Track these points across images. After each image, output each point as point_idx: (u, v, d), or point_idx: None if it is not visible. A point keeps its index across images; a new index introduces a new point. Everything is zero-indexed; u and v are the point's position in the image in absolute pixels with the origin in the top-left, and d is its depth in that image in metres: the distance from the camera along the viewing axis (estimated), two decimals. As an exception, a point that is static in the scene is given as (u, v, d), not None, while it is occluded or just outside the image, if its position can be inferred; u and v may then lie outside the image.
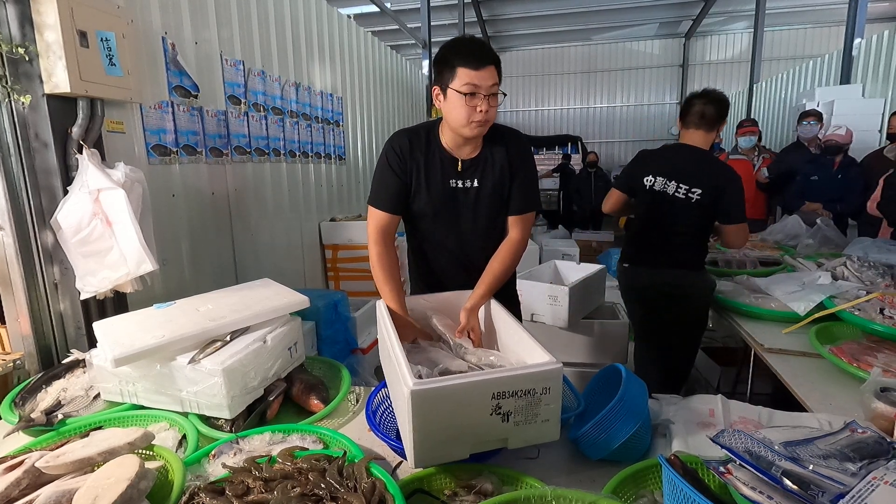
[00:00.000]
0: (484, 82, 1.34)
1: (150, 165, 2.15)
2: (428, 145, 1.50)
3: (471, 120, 1.37)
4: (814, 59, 7.05)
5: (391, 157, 1.50)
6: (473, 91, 1.34)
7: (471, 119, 1.37)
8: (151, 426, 1.33)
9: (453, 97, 1.36)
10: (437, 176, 1.50)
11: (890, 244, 2.56)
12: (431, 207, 1.52)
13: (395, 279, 1.49)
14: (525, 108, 13.44)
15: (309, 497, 0.95)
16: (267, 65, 3.05)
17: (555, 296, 2.06)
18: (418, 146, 1.49)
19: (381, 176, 1.52)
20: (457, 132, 1.43)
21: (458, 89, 1.35)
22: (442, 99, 1.41)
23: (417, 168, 1.49)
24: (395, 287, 1.47)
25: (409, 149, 1.49)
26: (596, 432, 1.11)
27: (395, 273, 1.50)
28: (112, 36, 1.74)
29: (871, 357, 1.59)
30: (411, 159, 1.49)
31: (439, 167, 1.50)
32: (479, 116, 1.37)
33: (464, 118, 1.37)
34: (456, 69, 1.34)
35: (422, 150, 1.49)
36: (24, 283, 1.67)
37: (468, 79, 1.33)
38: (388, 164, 1.50)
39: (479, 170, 1.51)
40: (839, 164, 3.91)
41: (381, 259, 1.51)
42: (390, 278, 1.48)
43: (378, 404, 1.33)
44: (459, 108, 1.36)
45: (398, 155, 1.49)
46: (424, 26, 7.06)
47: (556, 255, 4.44)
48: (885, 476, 0.79)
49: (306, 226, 3.63)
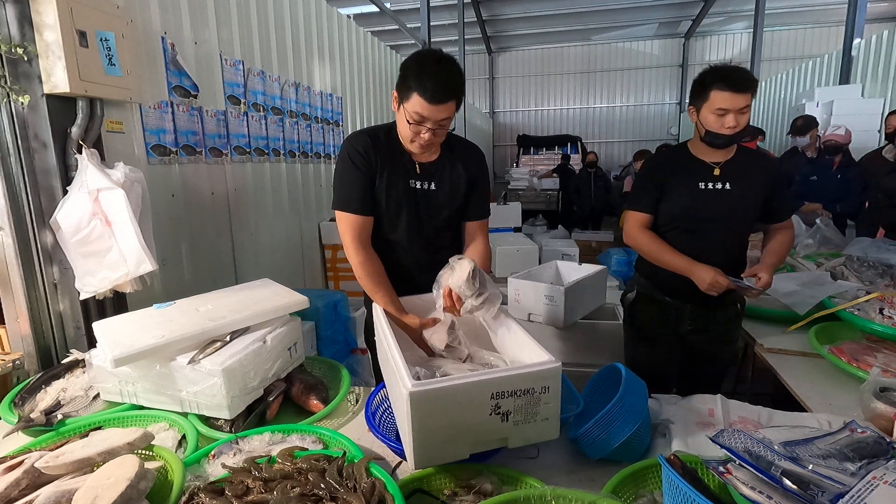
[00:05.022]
0: (434, 116, 1.34)
1: (149, 165, 2.15)
2: (388, 146, 1.49)
3: (411, 141, 1.42)
4: (813, 59, 7.06)
5: (355, 157, 1.46)
6: (420, 122, 1.36)
7: (412, 140, 1.42)
8: (151, 426, 1.33)
9: (401, 115, 1.39)
10: (398, 175, 1.49)
11: (890, 244, 2.56)
12: (395, 206, 1.51)
13: (385, 282, 1.47)
14: (525, 108, 13.45)
15: (308, 497, 0.95)
16: (266, 65, 3.05)
17: (551, 296, 2.06)
18: (379, 146, 1.48)
19: (346, 177, 1.48)
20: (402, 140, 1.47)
21: (407, 113, 1.36)
22: (397, 107, 1.42)
23: (381, 167, 1.48)
24: (387, 291, 1.46)
25: (371, 147, 1.47)
26: (596, 431, 1.11)
27: (383, 277, 1.48)
28: (111, 36, 1.73)
29: (870, 357, 1.59)
30: (375, 156, 1.47)
31: (400, 167, 1.50)
32: (420, 141, 1.41)
33: (406, 137, 1.43)
34: (412, 93, 1.32)
35: (383, 150, 1.48)
36: (23, 283, 1.67)
37: (419, 108, 1.33)
38: (353, 164, 1.46)
39: (436, 174, 1.53)
40: (838, 165, 3.91)
41: (365, 266, 1.48)
42: (380, 283, 1.47)
43: (377, 405, 1.33)
44: (405, 128, 1.40)
45: (362, 154, 1.46)
46: (424, 26, 7.07)
47: (555, 255, 4.43)
48: (885, 476, 0.79)
49: (306, 226, 3.63)
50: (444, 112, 1.35)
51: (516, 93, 13.41)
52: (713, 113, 1.63)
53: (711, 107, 1.63)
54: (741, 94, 1.58)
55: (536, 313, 2.13)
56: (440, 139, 1.44)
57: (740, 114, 1.60)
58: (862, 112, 5.30)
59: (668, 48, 12.30)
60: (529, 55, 13.03)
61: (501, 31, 11.96)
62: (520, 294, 2.16)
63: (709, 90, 1.62)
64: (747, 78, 1.60)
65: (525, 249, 4.28)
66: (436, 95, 1.31)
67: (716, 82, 1.61)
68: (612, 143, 12.96)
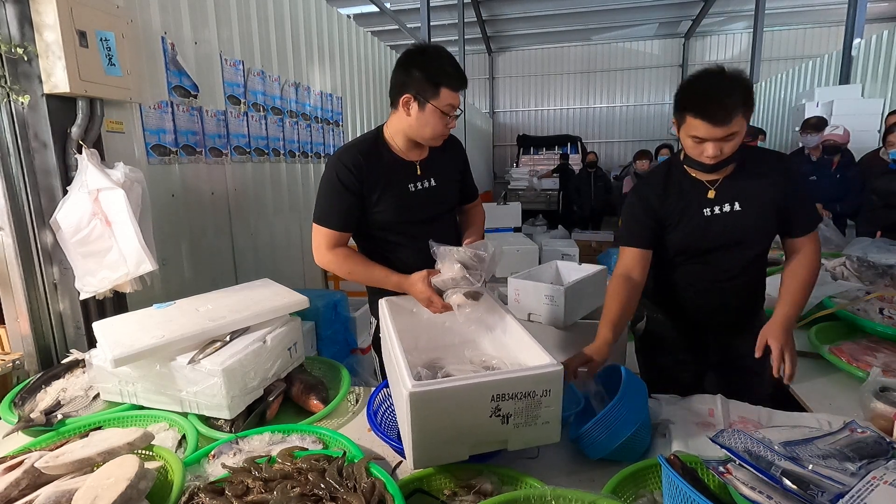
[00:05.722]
0: (458, 103, 1.44)
1: (149, 165, 2.15)
2: (379, 155, 1.49)
3: (441, 133, 1.47)
4: (813, 59, 7.07)
5: (343, 175, 1.44)
6: (451, 111, 1.43)
7: (441, 133, 1.47)
8: (151, 426, 1.33)
9: (432, 112, 1.41)
10: (396, 184, 1.50)
11: (890, 244, 2.57)
12: (396, 211, 1.51)
13: (371, 262, 1.49)
14: (525, 108, 13.45)
15: (308, 497, 0.95)
16: (266, 65, 3.05)
17: (551, 296, 2.05)
18: (371, 159, 1.47)
19: (331, 195, 1.47)
20: (420, 140, 1.49)
21: (441, 108, 1.41)
22: (416, 109, 1.41)
23: (374, 182, 1.47)
24: (379, 266, 1.47)
25: (362, 163, 1.45)
26: (596, 431, 1.11)
27: (364, 258, 1.51)
28: (111, 36, 1.73)
29: (870, 357, 1.59)
30: (368, 173, 1.46)
31: (398, 174, 1.51)
32: (449, 130, 1.49)
33: (438, 132, 1.46)
34: (440, 88, 1.39)
35: (375, 162, 1.48)
36: (23, 283, 1.67)
37: (451, 100, 1.41)
38: (340, 181, 1.44)
39: (432, 169, 1.57)
40: (838, 164, 3.92)
41: (339, 257, 1.48)
42: (367, 263, 1.49)
43: (379, 404, 1.33)
44: (436, 123, 1.43)
45: (351, 171, 1.44)
46: (424, 26, 7.07)
47: (555, 255, 4.44)
48: (885, 476, 0.79)
49: (306, 226, 3.63)
50: (460, 97, 1.45)
51: (516, 93, 13.41)
52: (690, 138, 1.35)
53: (688, 131, 1.34)
54: (720, 127, 1.28)
55: (536, 313, 2.12)
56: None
57: (724, 142, 1.31)
58: (862, 112, 5.31)
59: (668, 48, 12.30)
60: (529, 55, 13.04)
61: (501, 31, 11.96)
62: (520, 294, 2.16)
63: (684, 112, 1.33)
64: (728, 108, 1.26)
65: (525, 249, 4.28)
66: (461, 83, 1.42)
67: (689, 108, 1.31)
68: (612, 143, 12.97)
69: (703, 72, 1.34)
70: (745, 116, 1.30)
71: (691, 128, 1.32)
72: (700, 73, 1.34)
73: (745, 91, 1.29)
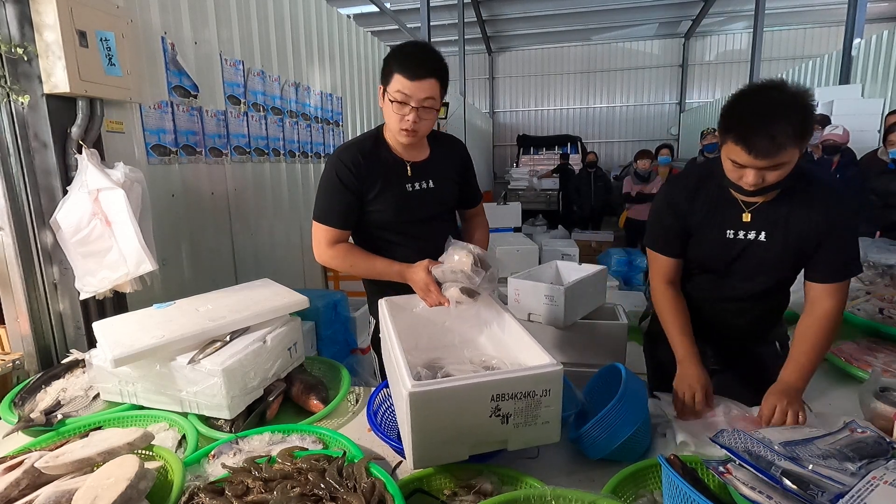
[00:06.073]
0: (416, 94, 1.34)
1: (149, 165, 2.15)
2: (378, 154, 1.49)
3: (399, 128, 1.39)
4: (813, 59, 7.07)
5: (342, 173, 1.44)
6: (404, 100, 1.35)
7: (399, 126, 1.39)
8: (151, 426, 1.33)
9: (388, 103, 1.39)
10: (393, 183, 1.49)
11: (890, 244, 2.57)
12: (394, 211, 1.51)
13: (371, 255, 1.49)
14: (525, 108, 13.46)
15: (308, 497, 0.95)
16: (266, 65, 3.05)
17: (551, 296, 2.06)
18: (370, 158, 1.47)
19: (331, 193, 1.47)
20: (396, 136, 1.46)
21: (391, 95, 1.36)
22: (381, 100, 1.43)
23: (373, 180, 1.47)
24: (380, 258, 1.47)
25: (361, 162, 1.45)
26: (596, 431, 1.11)
27: (364, 252, 1.50)
28: (111, 36, 1.73)
29: (870, 357, 1.59)
30: (366, 172, 1.46)
31: (394, 172, 1.50)
32: (406, 125, 1.38)
33: (393, 124, 1.41)
34: (393, 75, 1.35)
35: (374, 161, 1.48)
36: (23, 283, 1.67)
37: (400, 87, 1.34)
38: (340, 180, 1.45)
39: (429, 171, 1.54)
40: (837, 164, 3.92)
41: (340, 252, 1.48)
42: (366, 255, 1.48)
43: (379, 404, 1.33)
44: (390, 114, 1.40)
45: (350, 170, 1.44)
46: (424, 26, 7.07)
47: (555, 255, 4.44)
48: (885, 476, 0.79)
49: (306, 226, 3.63)
50: (426, 90, 1.34)
51: (516, 93, 13.42)
52: (729, 159, 1.19)
53: (727, 153, 1.18)
54: (762, 160, 1.11)
55: (536, 313, 2.13)
56: (426, 126, 1.43)
57: (768, 171, 1.15)
58: (862, 112, 5.31)
59: (668, 48, 12.31)
60: (529, 55, 13.04)
61: (501, 31, 11.97)
62: (520, 294, 2.16)
63: (725, 135, 1.17)
64: (777, 139, 1.07)
65: (525, 249, 4.28)
66: (415, 72, 1.32)
67: (730, 131, 1.14)
68: (612, 143, 12.97)
69: (756, 87, 1.16)
70: (798, 147, 1.12)
71: (731, 152, 1.16)
72: (753, 88, 1.17)
73: (802, 119, 1.10)
